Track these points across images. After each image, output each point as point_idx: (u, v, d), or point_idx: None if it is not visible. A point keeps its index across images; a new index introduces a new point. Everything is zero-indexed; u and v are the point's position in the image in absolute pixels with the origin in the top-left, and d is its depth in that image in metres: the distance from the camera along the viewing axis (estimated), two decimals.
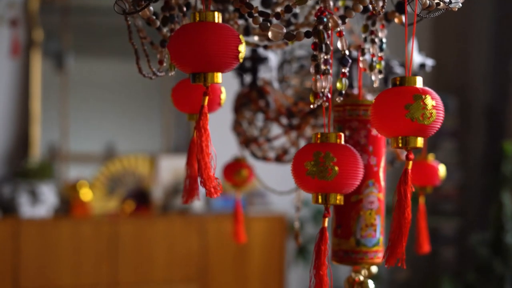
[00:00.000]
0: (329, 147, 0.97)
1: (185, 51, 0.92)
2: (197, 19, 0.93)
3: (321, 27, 0.94)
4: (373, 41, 1.23)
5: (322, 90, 0.95)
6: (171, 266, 3.98)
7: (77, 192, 3.98)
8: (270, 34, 0.95)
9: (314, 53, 0.95)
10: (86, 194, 4.00)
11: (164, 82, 4.30)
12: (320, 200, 0.99)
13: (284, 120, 1.59)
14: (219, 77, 0.95)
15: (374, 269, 1.47)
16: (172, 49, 0.94)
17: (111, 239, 3.87)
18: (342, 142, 1.00)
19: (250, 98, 1.63)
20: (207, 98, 0.94)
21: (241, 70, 1.65)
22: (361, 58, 1.23)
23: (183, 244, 4.01)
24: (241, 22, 1.35)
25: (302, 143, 1.61)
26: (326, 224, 0.99)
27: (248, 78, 1.67)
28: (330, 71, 0.96)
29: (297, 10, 1.38)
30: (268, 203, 4.24)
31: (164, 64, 1.22)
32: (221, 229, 4.02)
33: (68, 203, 4.00)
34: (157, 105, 4.52)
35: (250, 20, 1.07)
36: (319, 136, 0.99)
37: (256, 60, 1.63)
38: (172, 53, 0.94)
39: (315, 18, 0.94)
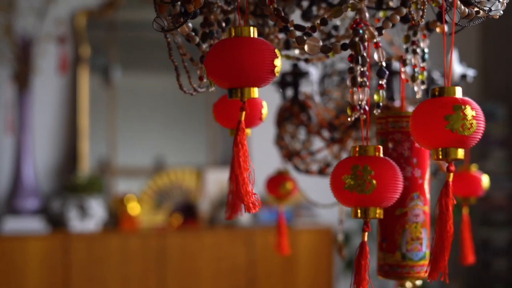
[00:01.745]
0: (367, 160, 0.96)
1: (221, 66, 0.92)
2: (233, 34, 0.93)
3: (357, 39, 0.93)
4: (414, 52, 1.21)
5: (360, 102, 0.94)
6: (218, 279, 3.98)
7: (125, 206, 4.00)
8: (306, 47, 0.94)
9: (351, 65, 0.94)
10: (134, 208, 4.03)
11: (210, 95, 4.31)
12: (359, 215, 0.97)
13: (326, 134, 1.58)
14: (255, 92, 0.94)
15: (418, 282, 1.44)
16: (208, 65, 0.93)
17: (159, 252, 3.89)
18: (381, 155, 0.98)
19: (292, 112, 1.63)
20: (244, 113, 0.94)
21: (282, 85, 1.65)
22: (402, 69, 1.21)
23: (230, 257, 4.01)
24: (281, 36, 1.34)
25: (344, 156, 1.60)
26: (366, 239, 0.97)
27: (289, 92, 1.66)
28: (367, 83, 0.95)
29: (337, 22, 1.36)
30: (314, 215, 4.22)
31: (205, 80, 1.22)
32: (268, 242, 4.00)
33: (116, 217, 4.03)
34: (204, 118, 4.54)
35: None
36: (357, 149, 0.98)
37: (297, 74, 1.62)
38: (208, 69, 0.93)
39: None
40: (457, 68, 1.66)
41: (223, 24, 1.20)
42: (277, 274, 4.06)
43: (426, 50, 1.22)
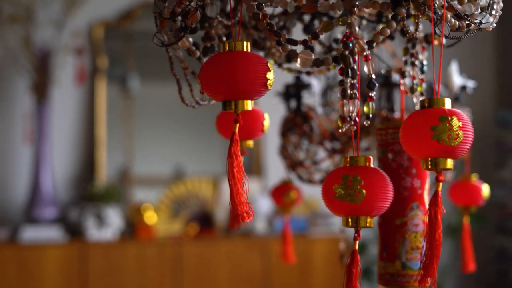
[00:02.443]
0: (357, 170, 0.98)
1: (215, 80, 0.95)
2: (227, 48, 0.96)
3: (346, 52, 0.95)
4: (413, 64, 1.23)
5: (350, 114, 0.96)
6: (235, 287, 4.00)
7: (142, 215, 4.04)
8: (299, 60, 0.97)
9: (341, 78, 0.97)
10: (150, 217, 4.06)
11: None
12: (350, 223, 1.00)
13: (328, 144, 1.60)
14: (249, 104, 0.96)
15: None
16: (203, 78, 0.96)
17: (175, 261, 3.92)
18: (372, 166, 1.00)
19: (295, 123, 1.66)
20: (237, 125, 0.96)
21: (286, 96, 1.68)
22: (402, 81, 1.24)
23: (246, 266, 4.04)
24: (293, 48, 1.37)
25: None
26: (357, 247, 0.99)
27: (293, 104, 1.69)
28: (358, 95, 0.97)
29: (338, 35, 1.39)
30: (330, 224, 4.23)
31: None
32: None
33: (133, 226, 4.06)
34: None
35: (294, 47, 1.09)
36: (348, 159, 1.00)
37: (300, 86, 1.66)
38: (203, 82, 0.96)
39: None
40: (457, 80, 1.68)
41: (224, 39, 1.23)
42: (292, 282, 4.08)
43: (425, 62, 1.25)
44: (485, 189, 1.74)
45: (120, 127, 4.39)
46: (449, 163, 0.96)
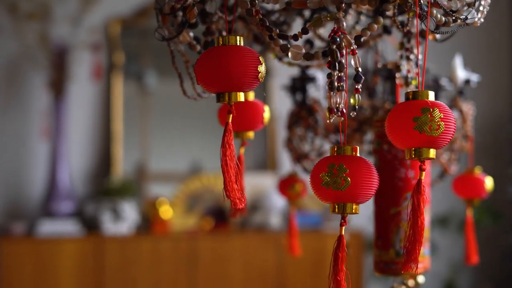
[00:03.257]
0: (343, 159, 1.01)
1: (209, 73, 0.99)
2: (221, 43, 0.99)
3: (334, 46, 0.99)
4: (408, 58, 1.26)
5: (337, 105, 1.00)
6: (249, 281, 4.04)
7: (157, 210, 4.08)
8: (290, 54, 1.01)
9: (329, 71, 1.00)
10: (166, 211, 4.11)
11: None
12: (336, 210, 1.03)
13: (333, 137, 1.64)
14: (241, 96, 1.01)
15: (420, 279, 1.50)
16: (198, 71, 1.00)
17: (190, 255, 3.96)
18: (358, 155, 1.03)
19: (300, 116, 1.69)
20: (231, 116, 1.00)
21: (291, 90, 1.72)
22: (397, 75, 1.27)
23: (261, 260, 4.07)
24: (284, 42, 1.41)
25: None
26: (343, 233, 1.03)
27: (298, 97, 1.73)
28: (345, 87, 1.00)
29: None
30: None
31: None
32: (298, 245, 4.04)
33: (149, 220, 4.11)
34: None
35: (292, 41, 1.12)
36: (335, 149, 1.04)
37: (305, 79, 1.69)
38: (198, 75, 1.00)
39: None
40: (461, 74, 1.70)
41: (224, 33, 1.27)
42: (307, 277, 4.10)
43: (420, 57, 1.27)
44: (489, 182, 1.76)
45: (137, 122, 4.44)
46: (432, 153, 1.00)
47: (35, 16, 3.99)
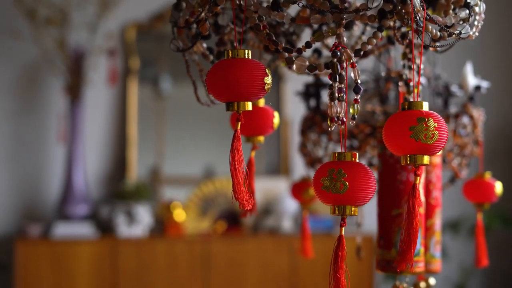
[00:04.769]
0: (342, 165, 1.08)
1: (218, 84, 1.07)
2: (230, 55, 1.06)
3: (335, 60, 1.05)
4: (410, 67, 1.32)
5: (338, 115, 1.06)
6: (263, 283, 4.08)
7: (171, 213, 4.14)
8: (294, 66, 1.07)
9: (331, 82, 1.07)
10: (180, 214, 4.16)
11: None
12: (336, 212, 1.10)
13: (346, 142, 1.69)
14: (249, 105, 1.09)
15: (432, 281, 1.56)
16: (208, 82, 1.08)
17: (204, 258, 4.02)
18: (357, 161, 1.10)
19: (314, 121, 1.75)
20: (239, 123, 1.07)
21: (306, 95, 1.78)
22: (400, 83, 1.33)
23: (274, 264, 4.11)
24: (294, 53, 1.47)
25: (363, 162, 1.71)
26: (343, 233, 1.11)
27: (312, 103, 1.79)
28: (345, 97, 1.07)
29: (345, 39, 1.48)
30: (356, 222, 4.28)
31: None
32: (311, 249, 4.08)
33: (163, 223, 4.17)
34: None
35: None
36: (336, 155, 1.10)
37: (319, 85, 1.75)
38: (209, 86, 1.07)
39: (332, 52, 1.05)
40: (471, 80, 1.76)
41: (235, 44, 1.33)
42: (320, 280, 4.14)
43: (422, 66, 1.33)
44: (498, 187, 1.80)
45: (151, 127, 4.50)
46: (426, 159, 1.08)
47: (53, 22, 4.06)
